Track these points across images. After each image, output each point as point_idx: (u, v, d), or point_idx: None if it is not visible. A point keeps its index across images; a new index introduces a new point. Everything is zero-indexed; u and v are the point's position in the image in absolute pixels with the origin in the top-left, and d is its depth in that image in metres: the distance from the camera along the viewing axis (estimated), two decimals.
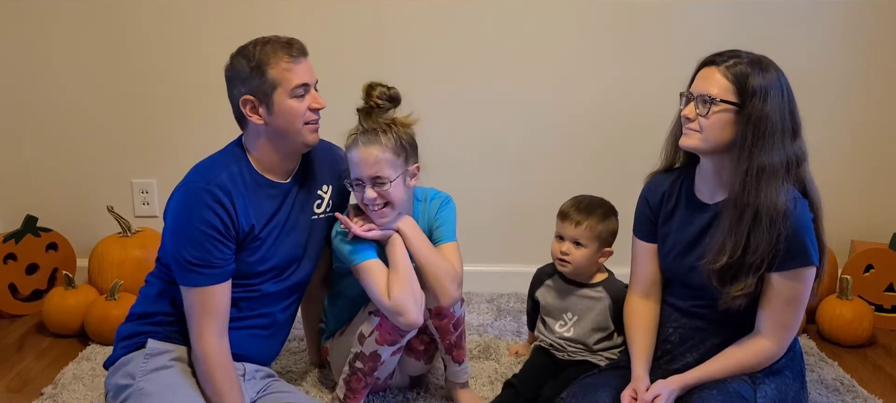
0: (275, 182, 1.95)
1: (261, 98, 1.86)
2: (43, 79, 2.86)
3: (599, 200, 2.19)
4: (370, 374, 2.02)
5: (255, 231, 1.89)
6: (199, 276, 1.81)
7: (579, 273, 2.19)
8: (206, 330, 1.83)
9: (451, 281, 1.97)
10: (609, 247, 2.17)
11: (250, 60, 1.85)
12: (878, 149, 2.89)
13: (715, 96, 1.75)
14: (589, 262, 2.16)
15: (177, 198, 1.86)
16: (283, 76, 1.85)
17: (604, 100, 2.84)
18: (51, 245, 2.83)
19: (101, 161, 2.93)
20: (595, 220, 2.13)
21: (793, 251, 1.75)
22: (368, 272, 1.95)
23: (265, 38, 1.88)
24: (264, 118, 1.87)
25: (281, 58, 1.85)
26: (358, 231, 1.95)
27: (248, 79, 1.85)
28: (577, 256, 2.15)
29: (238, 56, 1.88)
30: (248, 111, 1.87)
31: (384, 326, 1.95)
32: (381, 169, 1.90)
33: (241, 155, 1.93)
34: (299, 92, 1.87)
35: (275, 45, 1.86)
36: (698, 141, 1.79)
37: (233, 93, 1.89)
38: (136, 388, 1.84)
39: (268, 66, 1.84)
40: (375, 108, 1.94)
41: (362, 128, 1.94)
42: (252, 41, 1.89)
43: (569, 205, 2.18)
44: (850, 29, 2.78)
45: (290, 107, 1.87)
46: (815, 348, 2.56)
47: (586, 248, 2.14)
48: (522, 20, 2.79)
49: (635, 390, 1.86)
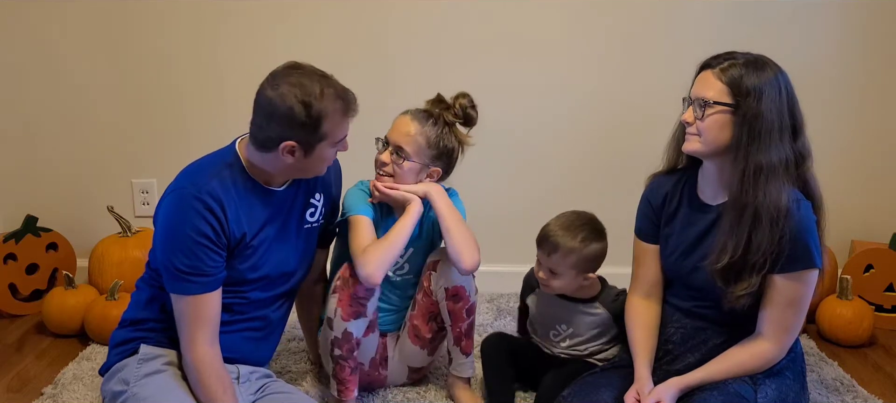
0: (267, 189, 1.91)
1: (304, 146, 1.80)
2: (43, 80, 2.85)
3: (582, 221, 2.05)
4: (350, 357, 2.02)
5: (246, 239, 1.87)
6: (191, 285, 1.79)
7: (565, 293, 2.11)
8: (198, 338, 1.81)
9: (474, 246, 2.00)
10: (592, 273, 2.07)
11: (309, 111, 1.75)
12: (878, 149, 2.89)
13: (709, 99, 1.75)
14: (569, 288, 2.08)
15: (167, 205, 1.82)
16: (333, 130, 1.81)
17: (604, 100, 2.84)
18: (51, 245, 2.83)
19: (101, 161, 2.92)
20: (570, 247, 2.00)
21: (796, 253, 1.75)
22: (358, 225, 2.00)
23: (324, 84, 1.77)
24: (297, 159, 1.82)
25: (339, 113, 1.79)
26: (382, 187, 2.02)
27: (299, 127, 1.76)
28: (555, 285, 2.07)
29: (294, 96, 1.75)
30: (284, 152, 1.80)
31: (343, 299, 1.97)
32: (408, 143, 2.00)
33: (234, 160, 1.87)
34: (339, 142, 1.86)
35: (335, 101, 1.78)
36: (699, 144, 1.79)
37: (270, 127, 1.78)
38: (131, 394, 1.84)
39: (324, 120, 1.77)
40: (450, 107, 2.04)
41: (423, 109, 2.03)
42: (304, 77, 1.77)
43: (548, 229, 2.05)
44: (850, 29, 2.78)
45: (327, 156, 1.86)
46: (815, 348, 2.56)
47: (563, 278, 2.05)
48: (522, 20, 2.79)
49: (638, 391, 1.86)
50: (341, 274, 2.00)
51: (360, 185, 2.12)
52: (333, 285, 2.02)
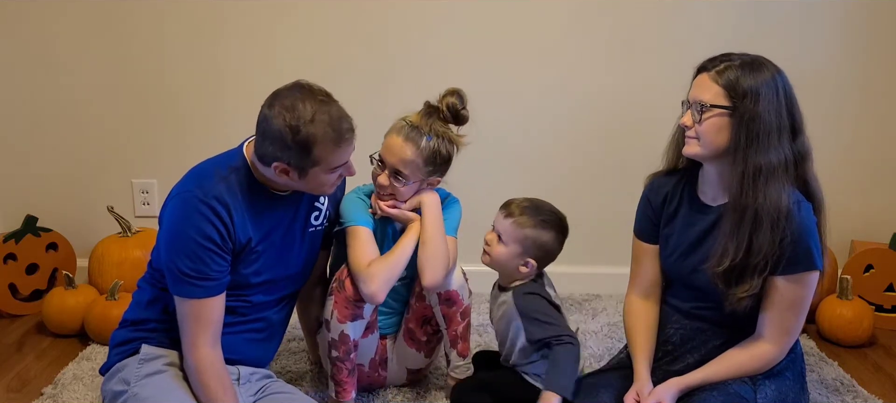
0: (274, 194, 1.89)
1: (296, 168, 1.77)
2: (43, 80, 2.85)
3: (550, 209, 2.04)
4: (347, 359, 2.02)
5: (252, 244, 1.86)
6: (195, 288, 1.78)
7: (499, 271, 2.07)
8: (200, 341, 1.81)
9: (442, 265, 1.98)
10: (533, 259, 2.00)
11: (296, 134, 1.71)
12: (878, 149, 2.89)
13: (706, 102, 1.75)
14: (506, 265, 2.03)
15: (173, 207, 1.81)
16: (325, 158, 1.76)
17: (605, 99, 2.84)
18: (51, 245, 2.83)
19: (101, 161, 2.92)
20: (527, 221, 1.98)
21: (797, 255, 1.75)
22: (357, 236, 1.99)
23: (315, 108, 1.72)
24: (293, 180, 1.80)
25: (329, 142, 1.74)
26: (385, 207, 2.01)
27: (286, 149, 1.73)
28: (494, 252, 2.02)
29: (281, 118, 1.71)
30: (278, 172, 1.78)
31: (339, 301, 1.97)
32: (405, 167, 1.98)
33: (241, 164, 1.86)
34: (338, 169, 1.82)
35: (324, 127, 1.72)
36: (698, 148, 1.79)
37: (265, 147, 1.76)
38: (131, 394, 1.84)
39: (315, 147, 1.73)
40: (438, 112, 2.00)
41: (413, 124, 1.99)
42: (298, 100, 1.72)
43: (516, 199, 2.04)
44: (849, 29, 2.78)
45: (323, 181, 1.82)
46: (815, 348, 2.56)
47: (506, 248, 2.00)
48: (522, 19, 2.79)
49: (638, 392, 1.86)
50: (338, 277, 2.00)
51: (358, 192, 2.10)
52: (331, 287, 2.02)
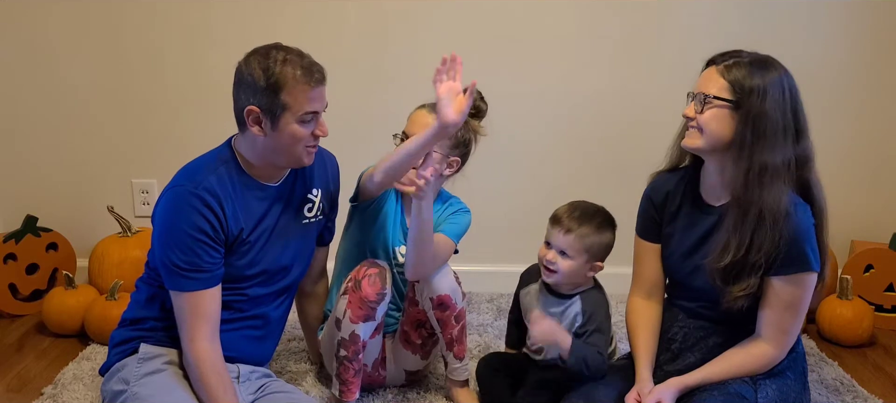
0: (264, 185, 1.92)
1: (267, 114, 1.80)
2: (43, 79, 2.85)
3: (596, 209, 2.02)
4: (355, 359, 2.02)
5: (243, 234, 1.87)
6: (189, 281, 1.80)
7: (564, 284, 2.03)
8: (198, 335, 1.82)
9: (420, 263, 1.97)
10: (600, 262, 2.01)
11: (268, 75, 1.77)
12: (878, 149, 2.89)
13: (711, 95, 1.76)
14: (575, 275, 2.00)
15: (164, 202, 1.84)
16: (295, 101, 1.79)
17: (605, 99, 2.84)
18: (51, 245, 2.83)
19: (101, 161, 2.92)
20: (587, 230, 1.97)
21: (792, 256, 1.75)
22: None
23: (287, 53, 1.80)
24: (266, 132, 1.82)
25: (299, 83, 1.78)
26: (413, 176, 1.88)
27: (259, 92, 1.78)
28: (563, 267, 1.98)
29: (255, 63, 1.80)
30: (251, 121, 1.81)
31: (353, 301, 1.97)
32: None
33: (229, 157, 1.89)
34: (307, 118, 1.83)
35: (295, 67, 1.78)
36: (699, 140, 1.79)
37: (239, 96, 1.83)
38: (131, 393, 1.84)
39: (283, 88, 1.78)
40: None
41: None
42: (273, 49, 1.81)
43: (562, 211, 2.02)
44: (850, 28, 2.78)
45: (294, 132, 1.82)
46: (816, 348, 2.56)
47: (573, 260, 1.98)
48: (522, 19, 2.79)
49: (639, 392, 1.86)
50: (354, 276, 1.99)
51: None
52: (345, 286, 2.01)
